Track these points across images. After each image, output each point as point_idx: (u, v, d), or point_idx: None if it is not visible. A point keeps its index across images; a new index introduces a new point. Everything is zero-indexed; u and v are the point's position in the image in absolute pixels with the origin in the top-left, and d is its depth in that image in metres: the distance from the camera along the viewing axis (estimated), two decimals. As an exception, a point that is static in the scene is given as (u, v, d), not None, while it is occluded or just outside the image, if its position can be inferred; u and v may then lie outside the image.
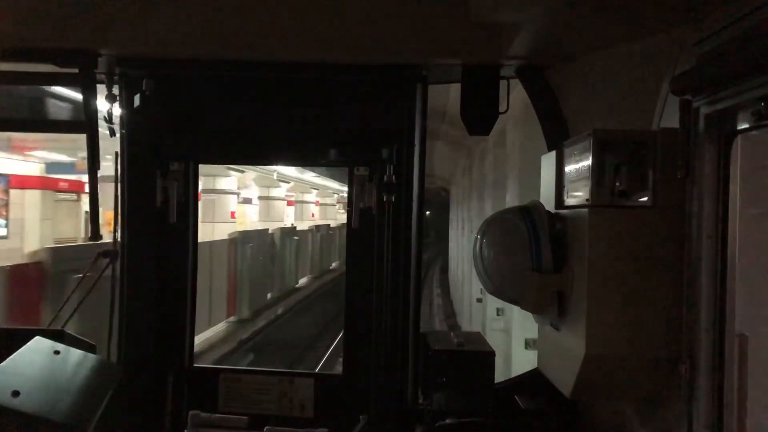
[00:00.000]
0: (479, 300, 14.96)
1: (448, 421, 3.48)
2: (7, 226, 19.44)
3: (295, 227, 31.23)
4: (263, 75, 3.74)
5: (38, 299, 10.62)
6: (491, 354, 3.49)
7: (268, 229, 25.88)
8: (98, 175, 3.57)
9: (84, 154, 3.64)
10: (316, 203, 48.29)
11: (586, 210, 2.60)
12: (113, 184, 3.79)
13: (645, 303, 2.50)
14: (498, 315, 12.05)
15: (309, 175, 35.85)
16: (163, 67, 3.61)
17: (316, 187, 44.06)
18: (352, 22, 3.32)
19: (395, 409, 3.72)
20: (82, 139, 3.54)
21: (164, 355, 3.89)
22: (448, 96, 11.00)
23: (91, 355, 3.29)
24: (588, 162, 2.58)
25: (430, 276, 38.91)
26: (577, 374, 2.59)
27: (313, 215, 45.74)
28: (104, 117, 3.63)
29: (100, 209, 3.63)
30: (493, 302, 12.11)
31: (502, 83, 3.57)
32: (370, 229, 3.80)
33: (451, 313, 25.50)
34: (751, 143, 2.25)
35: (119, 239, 3.82)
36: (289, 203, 39.47)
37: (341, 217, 47.71)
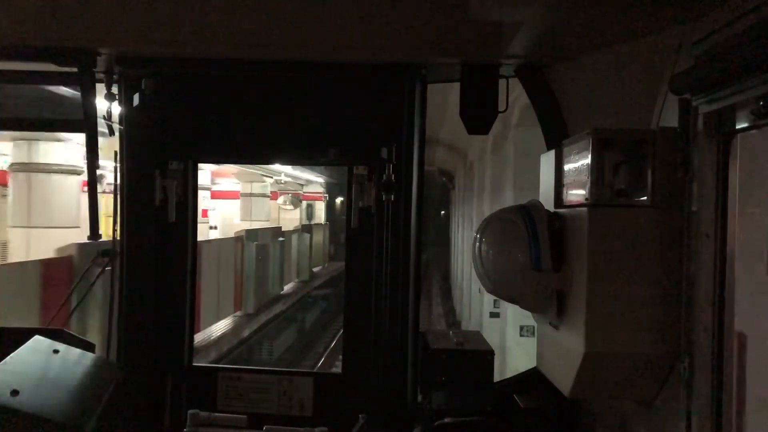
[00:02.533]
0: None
1: (447, 420, 3.48)
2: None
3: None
4: (262, 74, 3.74)
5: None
6: (490, 353, 3.49)
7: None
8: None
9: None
10: (217, 194, 29.97)
11: (585, 209, 2.60)
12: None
13: (644, 302, 2.50)
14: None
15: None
16: (162, 67, 3.61)
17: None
18: (351, 20, 3.32)
19: (394, 408, 3.72)
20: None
21: (163, 354, 3.89)
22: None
23: (90, 354, 3.29)
24: (587, 161, 2.58)
25: (425, 306, 24.86)
26: (576, 373, 2.59)
27: (205, 213, 27.98)
28: (103, 116, 3.63)
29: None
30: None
31: (502, 82, 3.57)
32: (370, 228, 3.80)
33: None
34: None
35: (118, 238, 3.82)
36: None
37: (289, 218, 34.24)
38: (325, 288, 28.93)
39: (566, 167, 2.92)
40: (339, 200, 45.05)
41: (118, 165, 3.79)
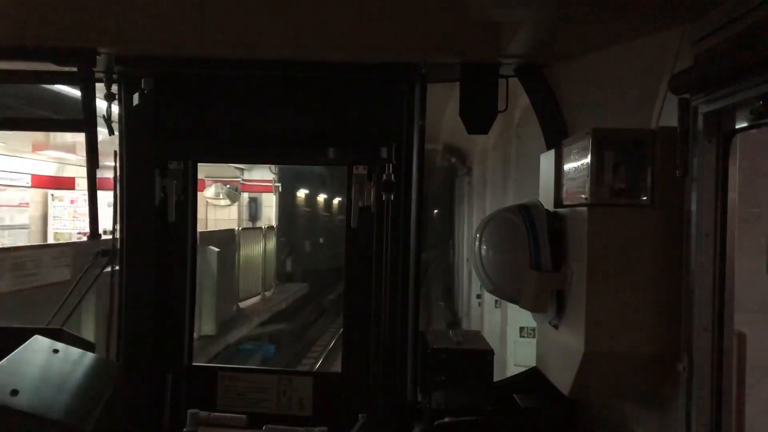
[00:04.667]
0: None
1: (446, 419, 3.48)
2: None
3: None
4: (262, 74, 3.74)
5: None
6: (490, 352, 3.49)
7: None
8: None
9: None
10: (64, 182, 20.43)
11: (585, 209, 2.60)
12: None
13: (644, 302, 2.50)
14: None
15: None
16: (162, 66, 3.61)
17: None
18: (351, 20, 3.32)
19: (394, 408, 3.73)
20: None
21: (163, 353, 3.89)
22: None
23: (90, 354, 3.29)
24: (587, 161, 2.59)
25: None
26: (576, 373, 2.59)
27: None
28: (103, 116, 3.63)
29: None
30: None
31: (502, 82, 3.57)
32: (369, 227, 3.80)
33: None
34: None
35: (118, 238, 3.83)
36: None
37: (224, 218, 23.09)
38: (258, 338, 17.08)
39: (566, 167, 2.92)
40: (303, 193, 31.01)
41: (118, 165, 3.80)
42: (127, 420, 3.55)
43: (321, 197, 35.90)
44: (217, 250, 15.20)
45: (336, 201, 37.13)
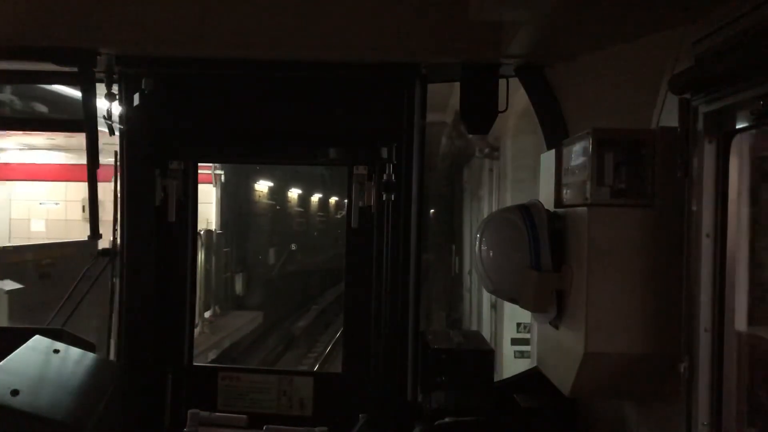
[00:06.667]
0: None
1: (447, 419, 3.48)
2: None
3: None
4: (262, 74, 3.75)
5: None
6: (490, 353, 3.49)
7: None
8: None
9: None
10: None
11: (585, 209, 2.60)
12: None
13: (644, 302, 2.50)
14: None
15: None
16: (163, 66, 3.61)
17: None
18: (351, 20, 3.32)
19: (394, 408, 3.73)
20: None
21: (163, 353, 3.90)
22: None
23: (90, 354, 3.30)
24: (587, 161, 2.58)
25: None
26: (576, 373, 2.59)
27: None
28: (103, 116, 3.64)
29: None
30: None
31: (502, 82, 3.57)
32: (370, 227, 3.80)
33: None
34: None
35: (118, 238, 3.83)
36: None
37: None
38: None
39: (566, 167, 2.92)
40: (264, 186, 23.42)
41: (118, 165, 3.80)
42: (127, 420, 3.55)
43: (293, 192, 27.83)
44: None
45: (316, 198, 31.47)
